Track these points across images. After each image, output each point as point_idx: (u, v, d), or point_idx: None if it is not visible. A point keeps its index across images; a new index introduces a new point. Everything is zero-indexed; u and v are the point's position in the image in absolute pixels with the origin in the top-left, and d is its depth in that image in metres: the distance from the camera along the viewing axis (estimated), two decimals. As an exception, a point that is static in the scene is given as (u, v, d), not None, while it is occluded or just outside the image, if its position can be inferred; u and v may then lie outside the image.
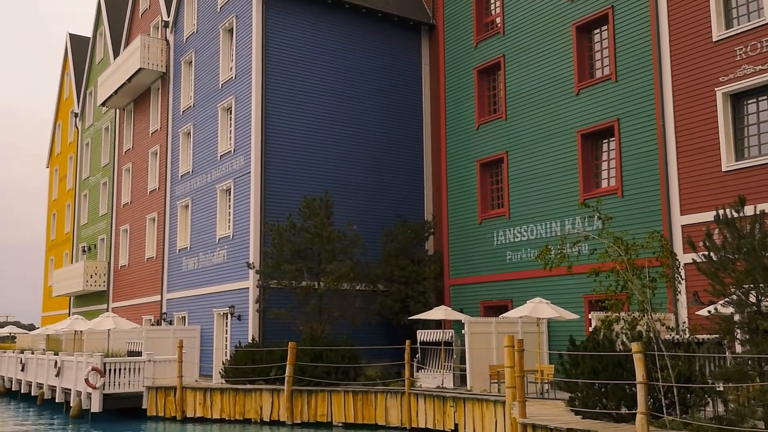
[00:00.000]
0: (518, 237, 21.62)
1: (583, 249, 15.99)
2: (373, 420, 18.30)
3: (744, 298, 10.32)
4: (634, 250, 11.72)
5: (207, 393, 20.69)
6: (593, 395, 11.69)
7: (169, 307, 30.43)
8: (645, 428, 9.54)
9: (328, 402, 18.98)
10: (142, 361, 21.81)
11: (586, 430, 10.56)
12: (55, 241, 50.65)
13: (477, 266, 23.07)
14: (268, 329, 23.50)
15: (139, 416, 21.22)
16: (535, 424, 11.54)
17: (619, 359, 11.35)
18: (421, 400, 17.55)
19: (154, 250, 32.68)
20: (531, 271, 20.71)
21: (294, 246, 22.50)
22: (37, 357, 27.21)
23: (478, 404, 16.01)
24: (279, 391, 19.49)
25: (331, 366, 19.43)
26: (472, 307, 22.79)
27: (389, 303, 24.47)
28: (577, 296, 19.04)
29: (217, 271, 26.69)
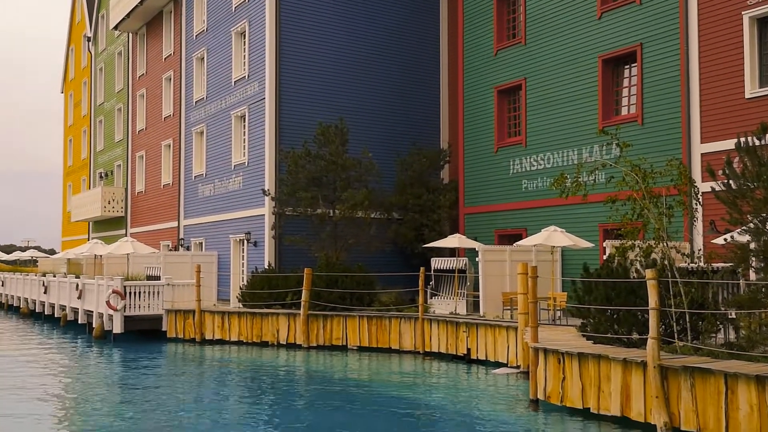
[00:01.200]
0: (534, 165, 21.42)
1: (600, 177, 15.82)
2: (387, 344, 18.67)
3: (761, 227, 10.22)
4: (652, 177, 11.56)
5: (225, 316, 21.16)
6: (605, 321, 11.80)
7: (187, 233, 30.81)
8: (656, 352, 9.65)
9: (343, 326, 19.35)
10: (160, 285, 22.24)
11: (597, 354, 10.71)
12: (72, 167, 51.00)
13: (492, 195, 22.98)
14: (284, 256, 23.80)
15: (160, 338, 21.81)
16: (547, 348, 11.70)
17: (632, 286, 11.39)
18: (434, 325, 17.84)
19: (171, 176, 32.84)
20: (546, 200, 20.62)
21: (309, 173, 22.49)
22: (59, 280, 27.84)
23: (491, 330, 16.25)
24: (295, 316, 19.88)
25: (346, 292, 19.72)
26: (486, 235, 22.85)
27: (404, 231, 24.58)
28: (593, 225, 18.99)
29: (233, 198, 26.85)
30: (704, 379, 9.20)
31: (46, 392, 13.97)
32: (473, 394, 13.53)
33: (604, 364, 10.58)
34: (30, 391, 13.99)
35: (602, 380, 10.59)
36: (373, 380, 15.08)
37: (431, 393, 13.62)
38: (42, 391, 14.08)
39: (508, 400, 12.62)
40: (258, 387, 14.62)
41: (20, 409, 12.17)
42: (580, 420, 10.83)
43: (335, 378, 15.36)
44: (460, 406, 12.34)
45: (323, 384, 14.72)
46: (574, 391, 11.08)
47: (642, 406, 9.97)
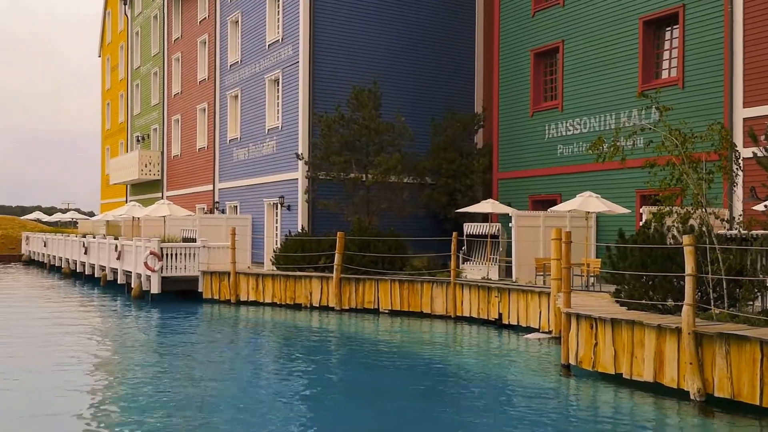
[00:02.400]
0: (570, 130, 21.09)
1: (638, 142, 15.52)
2: (419, 308, 18.78)
3: (805, 193, 9.94)
4: (692, 142, 11.29)
5: (259, 279, 21.47)
6: (640, 288, 11.68)
7: (221, 196, 31.18)
8: (691, 319, 9.55)
9: (375, 290, 19.51)
10: (196, 247, 22.61)
11: (630, 320, 10.63)
12: (110, 131, 51.77)
13: (527, 160, 22.74)
14: (317, 220, 23.98)
15: (196, 299, 22.26)
16: (579, 313, 11.65)
17: (669, 252, 11.23)
18: (466, 290, 17.88)
19: (206, 140, 33.15)
20: (582, 165, 20.34)
21: (342, 137, 22.49)
22: (99, 241, 28.48)
23: (523, 295, 16.23)
24: (328, 279, 20.09)
25: (378, 256, 19.82)
26: (520, 201, 22.68)
27: (436, 196, 24.53)
28: (629, 191, 18.71)
29: (267, 162, 27.03)
30: (740, 346, 9.09)
31: (87, 350, 14.41)
32: (504, 359, 13.58)
33: (638, 330, 10.52)
34: (72, 347, 14.44)
35: (636, 346, 10.54)
36: (405, 343, 15.23)
37: (462, 356, 13.71)
38: (83, 347, 14.52)
39: (539, 364, 12.64)
40: (292, 347, 14.87)
41: (63, 364, 12.59)
42: (612, 385, 10.82)
43: (367, 340, 15.55)
44: (491, 370, 12.40)
45: (356, 345, 14.92)
46: (607, 357, 11.05)
47: (675, 373, 9.90)
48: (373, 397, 10.40)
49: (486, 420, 9.25)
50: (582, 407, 9.98)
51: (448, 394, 10.81)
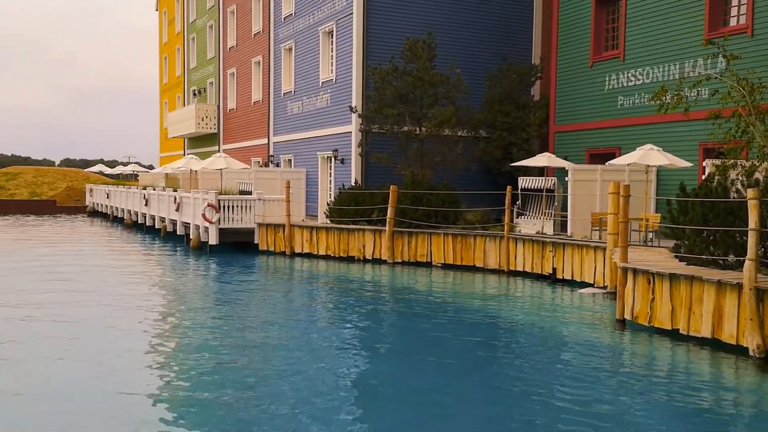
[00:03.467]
0: (632, 81, 20.39)
1: (703, 92, 14.94)
2: (472, 262, 18.78)
3: None
4: (760, 92, 10.80)
5: (313, 231, 21.77)
6: (700, 243, 11.39)
7: (276, 150, 31.50)
8: (753, 274, 9.29)
9: (428, 243, 19.55)
10: (252, 200, 23.02)
11: (689, 275, 10.41)
12: (168, 85, 52.60)
13: (585, 112, 22.16)
14: (370, 173, 24.02)
15: (252, 250, 22.77)
16: (636, 268, 11.46)
17: (732, 207, 10.87)
18: (519, 244, 17.75)
19: (260, 93, 33.37)
20: (643, 117, 19.72)
21: (396, 90, 22.29)
22: (158, 194, 29.28)
23: (578, 250, 16.03)
24: (381, 232, 20.22)
25: (431, 210, 19.81)
26: (577, 154, 22.20)
27: (491, 150, 24.21)
28: (692, 144, 18.08)
29: (320, 115, 27.09)
30: (805, 304, 8.82)
31: (150, 297, 14.99)
32: (558, 313, 13.52)
33: (696, 286, 10.30)
34: (135, 295, 15.04)
35: (694, 302, 10.33)
36: (458, 296, 15.30)
37: (515, 310, 13.71)
38: (145, 294, 15.11)
39: (594, 319, 12.54)
40: (346, 298, 15.13)
41: (126, 305, 13.14)
42: (668, 340, 10.68)
43: (420, 292, 15.67)
44: (545, 324, 12.38)
45: (409, 298, 15.07)
46: (663, 312, 10.88)
47: (734, 329, 9.70)
48: (426, 348, 10.53)
49: (541, 373, 9.28)
50: (637, 362, 9.89)
51: (502, 347, 10.86)
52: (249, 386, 8.33)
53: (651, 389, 8.48)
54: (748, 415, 7.78)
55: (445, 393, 8.23)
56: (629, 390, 8.46)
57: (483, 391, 8.38)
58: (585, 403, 7.81)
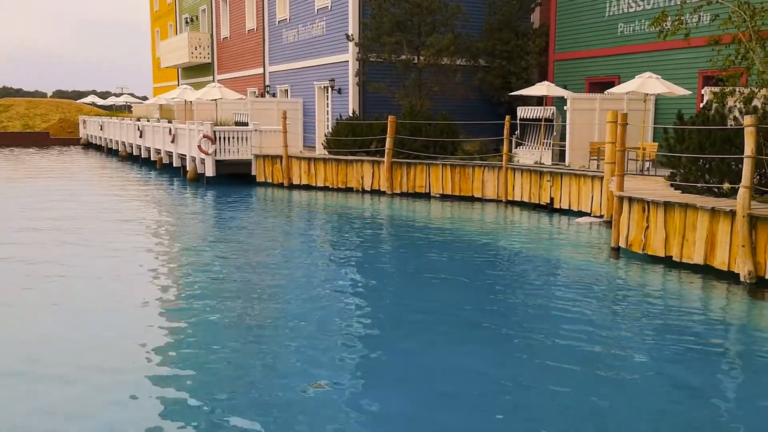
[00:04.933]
0: (632, 7, 20.02)
1: (704, 18, 14.71)
2: (470, 192, 18.88)
3: None
4: (761, 16, 10.65)
5: (311, 162, 21.77)
6: (696, 171, 11.47)
7: (272, 79, 31.12)
8: (746, 201, 9.40)
9: (426, 174, 19.60)
10: (249, 131, 22.90)
11: (683, 203, 10.53)
12: (159, 13, 51.41)
13: (585, 40, 21.84)
14: (368, 103, 23.82)
15: (249, 182, 22.82)
16: (632, 196, 11.57)
17: (729, 135, 10.89)
18: (518, 174, 17.81)
19: (254, 21, 32.70)
20: (643, 45, 19.47)
21: (393, 17, 21.88)
22: (153, 125, 29.07)
23: (575, 179, 16.11)
24: (379, 163, 20.23)
25: (430, 140, 19.77)
26: (576, 83, 22.01)
27: (490, 79, 23.97)
28: (692, 71, 17.92)
29: (316, 44, 26.65)
30: (796, 230, 8.97)
31: (149, 228, 15.12)
32: (555, 241, 13.72)
33: (690, 213, 10.43)
34: (134, 226, 15.17)
35: (687, 229, 10.49)
36: (456, 226, 15.46)
37: (513, 239, 13.89)
38: (144, 226, 15.24)
39: (590, 247, 12.74)
40: (345, 228, 15.29)
41: (123, 243, 13.29)
42: (661, 267, 10.89)
43: (419, 223, 15.83)
44: (541, 252, 12.58)
45: (407, 228, 15.23)
46: (657, 240, 11.05)
47: (726, 255, 9.89)
48: (426, 277, 10.74)
49: (537, 299, 9.50)
50: (631, 288, 10.12)
51: (500, 275, 11.07)
52: (254, 327, 8.53)
53: (644, 314, 8.72)
54: (737, 339, 8.04)
55: (444, 321, 8.46)
56: (622, 314, 8.70)
57: (484, 316, 8.61)
58: (580, 326, 8.05)
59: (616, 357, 7.14)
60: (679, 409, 5.95)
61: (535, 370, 6.75)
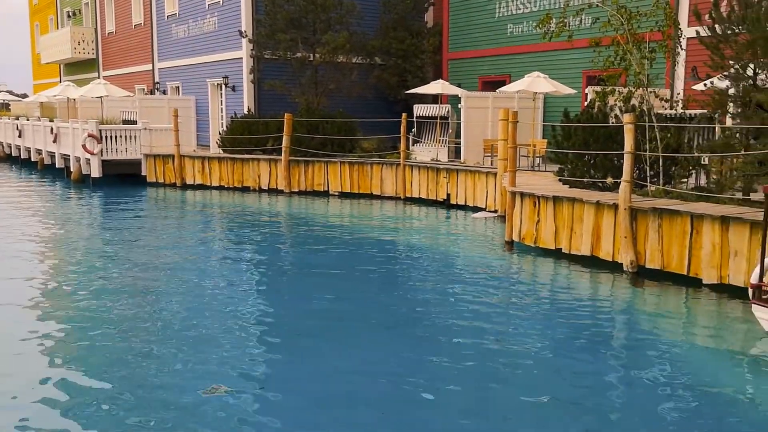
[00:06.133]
0: (520, 9, 20.74)
1: (586, 20, 15.45)
2: (369, 190, 18.96)
3: (741, 72, 10.17)
4: (637, 19, 11.29)
5: (205, 161, 21.18)
6: (582, 166, 12.01)
7: (162, 76, 30.03)
8: (627, 195, 9.94)
9: (324, 172, 19.51)
10: (138, 129, 22.00)
11: (571, 197, 11.00)
12: (38, 6, 48.45)
13: (477, 40, 22.42)
14: (263, 101, 23.45)
15: (139, 182, 21.92)
16: (524, 192, 11.98)
17: (611, 132, 11.48)
18: (415, 171, 18.06)
19: (142, 16, 31.42)
20: (531, 45, 20.20)
21: (288, 14, 21.64)
22: (33, 124, 27.39)
23: (471, 175, 16.51)
24: (276, 161, 19.96)
25: (328, 138, 19.69)
26: (470, 81, 22.56)
27: (386, 77, 24.17)
28: (576, 71, 18.78)
29: (208, 40, 25.94)
30: (671, 220, 9.57)
31: (29, 236, 14.20)
32: (452, 237, 14.00)
33: (577, 207, 10.91)
34: (14, 234, 14.20)
35: (575, 222, 10.97)
36: (355, 224, 15.48)
37: (411, 235, 14.06)
38: (25, 234, 14.29)
39: (485, 241, 13.09)
40: (242, 228, 14.96)
41: (5, 251, 12.43)
42: (552, 259, 11.34)
43: (318, 222, 15.74)
44: (439, 248, 12.80)
45: (306, 227, 15.11)
46: (547, 233, 11.50)
47: (611, 246, 10.41)
48: (326, 276, 10.67)
49: (435, 293, 9.66)
50: (523, 279, 10.48)
51: (399, 271, 11.17)
52: (144, 331, 8.19)
53: (536, 304, 9.05)
54: (621, 325, 8.49)
55: (344, 319, 8.43)
56: (516, 305, 8.98)
57: (384, 312, 8.64)
58: (476, 318, 8.23)
59: (511, 347, 7.36)
60: (571, 395, 6.19)
61: (434, 364, 6.84)
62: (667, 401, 6.01)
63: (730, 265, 8.89)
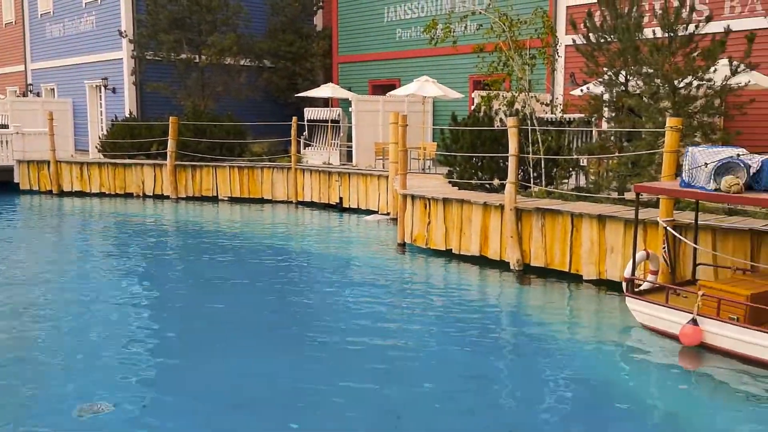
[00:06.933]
0: (409, 14, 21.07)
1: (470, 27, 15.90)
2: (260, 194, 18.63)
3: (614, 78, 10.77)
4: (518, 26, 11.73)
5: (84, 167, 20.07)
6: (470, 168, 12.32)
7: (36, 78, 28.26)
8: (512, 196, 10.28)
9: (213, 177, 19.00)
10: (9, 134, 20.56)
11: (460, 199, 11.25)
12: None
13: (366, 44, 22.56)
14: (147, 103, 22.59)
15: (12, 190, 20.47)
16: (414, 194, 12.13)
17: (496, 135, 11.85)
18: (307, 175, 17.92)
19: (13, 13, 29.46)
20: (420, 50, 20.55)
21: (171, 14, 20.96)
22: None
23: (363, 178, 16.56)
24: (161, 166, 19.23)
25: (216, 142, 19.20)
26: (360, 85, 22.67)
27: (276, 80, 23.88)
28: (463, 76, 19.27)
29: (86, 40, 24.67)
30: (553, 220, 9.98)
31: None
32: (345, 240, 13.97)
33: (466, 208, 11.17)
34: None
35: (464, 223, 11.22)
36: (246, 229, 15.14)
37: (304, 240, 13.92)
38: None
39: (377, 244, 13.15)
40: (124, 237, 14.28)
41: None
42: (443, 259, 11.55)
43: (207, 227, 15.27)
44: (332, 251, 12.74)
45: (195, 234, 14.62)
46: (438, 234, 11.70)
47: (498, 246, 10.73)
48: (216, 284, 10.35)
49: (329, 297, 9.59)
50: (415, 280, 10.60)
51: (293, 276, 11.00)
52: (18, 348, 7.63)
53: (428, 304, 9.17)
54: (508, 319, 8.76)
55: (236, 328, 8.20)
56: (409, 306, 9.06)
57: (277, 320, 8.48)
58: (370, 321, 8.23)
59: (405, 348, 7.41)
60: (462, 389, 6.31)
61: (330, 370, 6.76)
62: (552, 392, 6.27)
63: (607, 261, 9.38)
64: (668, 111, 9.65)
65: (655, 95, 9.99)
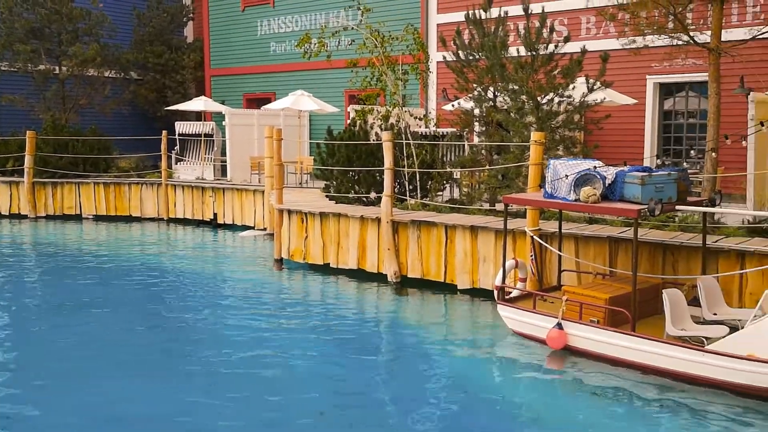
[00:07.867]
0: (283, 27, 20.95)
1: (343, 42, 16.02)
2: (128, 212, 17.78)
3: (483, 94, 11.20)
4: (390, 42, 11.95)
5: (-72, 186, 18.32)
6: (347, 182, 12.36)
7: None
8: (389, 209, 10.40)
9: (76, 194, 17.92)
10: None
11: (337, 212, 11.25)
12: None
13: (240, 57, 22.20)
14: (2, 118, 21.03)
15: None
16: (291, 209, 12.01)
17: (372, 149, 11.97)
18: (179, 191, 17.31)
19: None
20: (295, 64, 20.47)
21: (28, 23, 19.69)
22: None
23: (238, 194, 16.20)
24: (18, 184, 17.93)
25: (79, 157, 18.15)
26: (234, 99, 22.24)
27: (144, 92, 22.99)
28: (339, 90, 19.37)
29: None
30: (429, 231, 10.19)
31: None
32: (220, 257, 13.59)
33: (343, 222, 11.18)
34: None
35: (341, 237, 11.22)
36: (113, 248, 14.36)
37: (177, 258, 13.39)
38: None
39: (254, 260, 12.88)
40: (-25, 261, 13.13)
41: None
42: (321, 274, 11.48)
43: (69, 248, 14.34)
44: (207, 268, 12.35)
45: (55, 254, 13.68)
46: (316, 249, 11.63)
47: (375, 259, 10.81)
48: (80, 308, 9.71)
49: (204, 316, 9.26)
50: (294, 296, 10.46)
51: (165, 296, 10.53)
52: None
53: (306, 320, 9.06)
54: (386, 331, 8.83)
55: (104, 354, 7.72)
56: (287, 322, 8.92)
57: (150, 342, 8.06)
58: (247, 339, 8.02)
59: (283, 365, 7.28)
60: (343, 401, 6.27)
61: (206, 390, 6.52)
62: (429, 399, 6.39)
63: (479, 270, 9.68)
64: (533, 126, 10.14)
65: (521, 110, 10.48)
